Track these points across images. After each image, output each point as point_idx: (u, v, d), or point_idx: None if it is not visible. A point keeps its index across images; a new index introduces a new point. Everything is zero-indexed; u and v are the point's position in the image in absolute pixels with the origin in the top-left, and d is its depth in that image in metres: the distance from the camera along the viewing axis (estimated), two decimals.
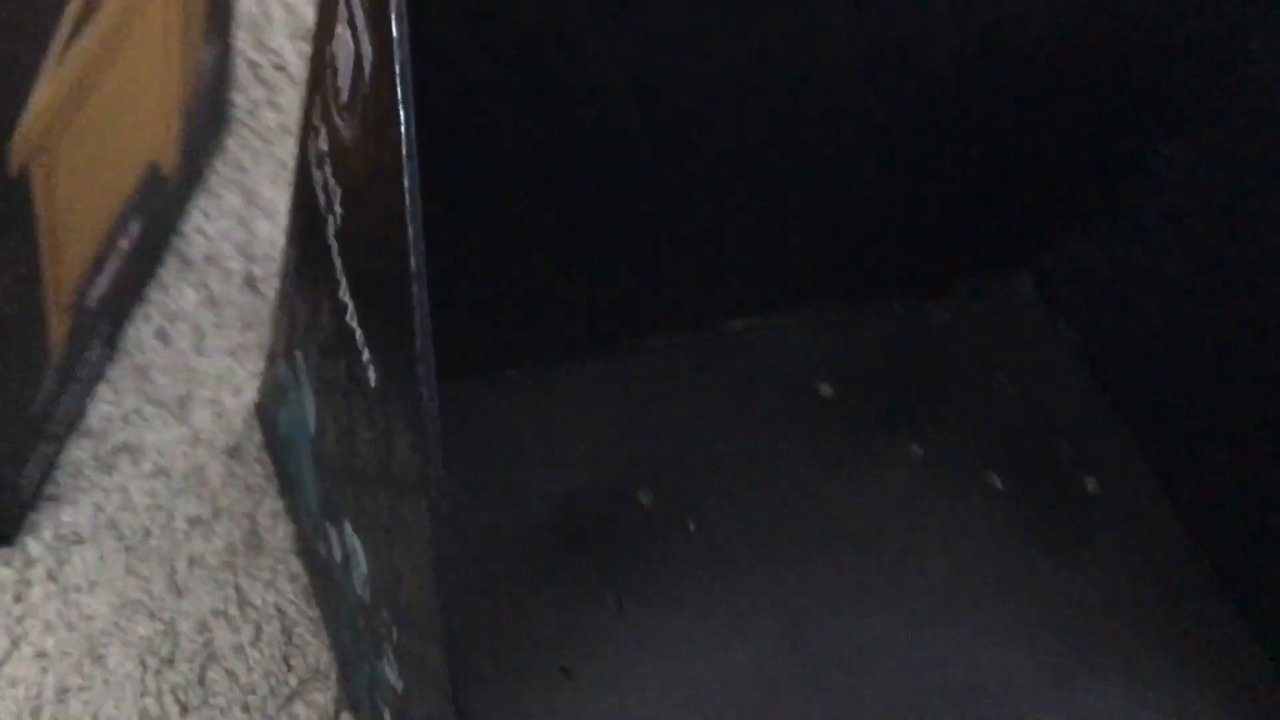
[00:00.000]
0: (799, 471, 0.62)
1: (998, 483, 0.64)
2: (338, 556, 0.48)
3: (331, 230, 0.41)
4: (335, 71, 0.39)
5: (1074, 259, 0.68)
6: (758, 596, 0.59)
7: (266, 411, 0.56)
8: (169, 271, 0.61)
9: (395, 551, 0.40)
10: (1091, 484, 0.65)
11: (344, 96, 0.38)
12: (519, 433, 0.60)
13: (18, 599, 0.53)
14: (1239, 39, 0.58)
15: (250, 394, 0.58)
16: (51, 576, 0.53)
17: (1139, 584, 0.62)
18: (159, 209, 0.58)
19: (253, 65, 0.66)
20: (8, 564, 0.53)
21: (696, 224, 0.59)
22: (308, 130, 0.43)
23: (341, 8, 0.38)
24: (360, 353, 0.40)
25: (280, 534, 0.56)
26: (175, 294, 0.60)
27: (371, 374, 0.39)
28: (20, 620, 0.52)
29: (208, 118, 0.61)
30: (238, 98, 0.65)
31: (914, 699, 0.58)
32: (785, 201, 0.61)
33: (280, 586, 0.55)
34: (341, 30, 0.38)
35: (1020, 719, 0.58)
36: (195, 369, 0.59)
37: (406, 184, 0.34)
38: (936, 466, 0.64)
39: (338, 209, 0.40)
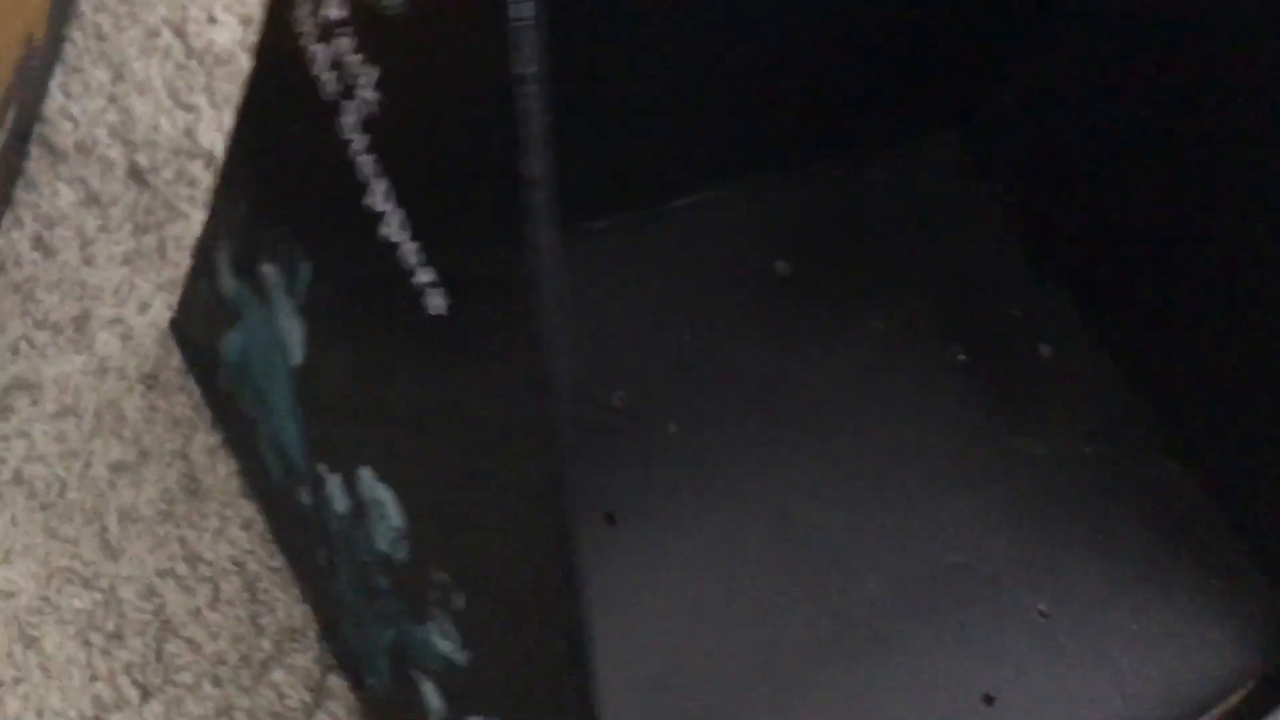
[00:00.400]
0: (768, 357, 0.58)
1: (960, 354, 0.61)
2: (339, 506, 0.40)
3: (354, 119, 0.33)
4: None
5: (998, 119, 0.65)
6: (744, 495, 0.54)
7: (192, 330, 0.47)
8: (37, 166, 0.50)
9: (474, 512, 0.33)
10: (1045, 350, 0.63)
11: None
12: None
13: None
14: None
15: (160, 310, 0.49)
16: None
17: (1099, 450, 0.61)
18: (29, 89, 0.47)
19: None
20: None
21: (632, 101, 0.53)
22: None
23: None
24: (411, 273, 0.32)
25: (221, 473, 0.47)
26: (49, 193, 0.50)
27: (434, 299, 0.32)
28: None
29: None
30: None
31: (903, 582, 0.55)
32: (718, 73, 0.55)
33: (233, 536, 0.47)
34: None
35: (1006, 598, 0.56)
36: (87, 283, 0.49)
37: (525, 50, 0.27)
38: (899, 341, 0.60)
39: (369, 93, 0.32)
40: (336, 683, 0.46)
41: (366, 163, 0.33)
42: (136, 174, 0.51)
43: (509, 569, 0.33)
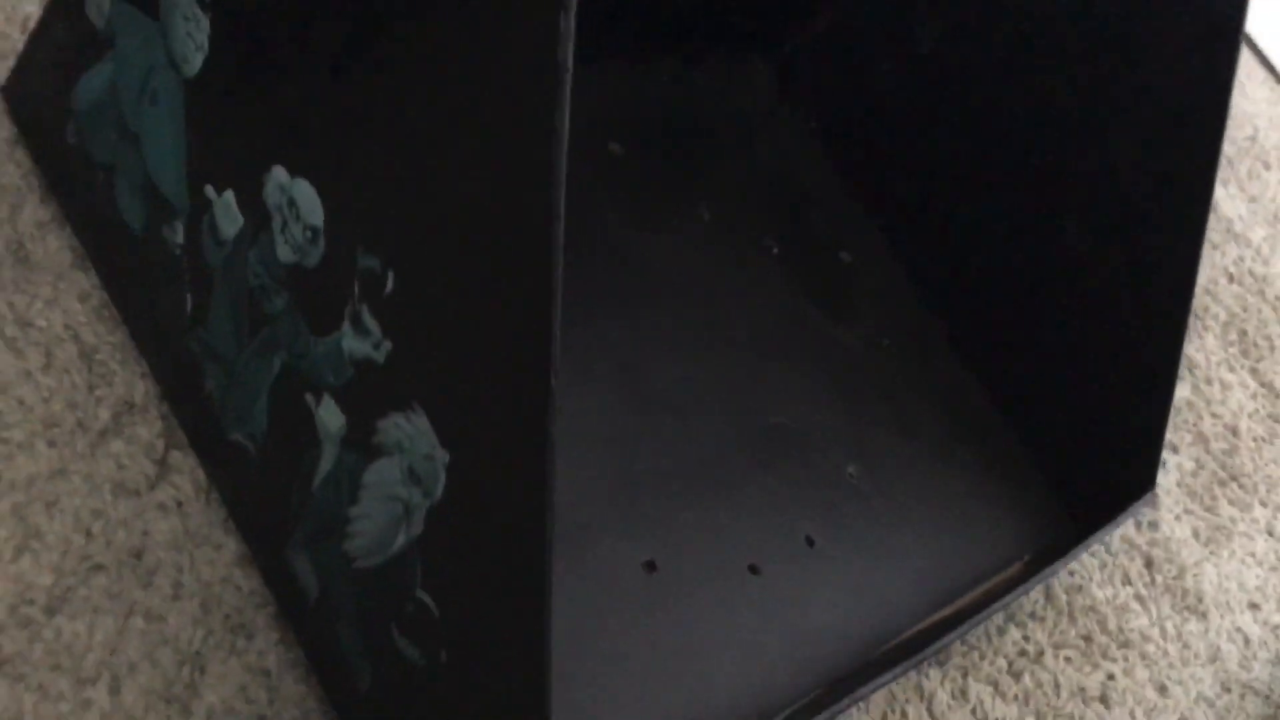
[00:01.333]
0: (607, 226, 0.59)
1: (774, 248, 0.64)
2: (227, 230, 0.38)
3: None
4: None
5: (807, 49, 0.69)
6: (592, 346, 0.54)
7: (32, 90, 0.44)
8: None
9: (420, 185, 0.32)
10: (846, 256, 0.67)
11: None
12: None
13: None
14: None
15: None
16: None
17: (897, 344, 0.65)
18: None
19: None
20: None
21: None
22: None
23: None
24: None
25: (53, 246, 0.44)
26: None
27: None
28: None
29: None
30: None
31: (732, 433, 0.56)
32: None
33: (67, 305, 0.43)
34: None
35: (821, 458, 0.58)
36: None
37: None
38: (721, 229, 0.63)
39: None
40: (179, 458, 0.42)
41: None
42: None
43: (459, 240, 0.32)
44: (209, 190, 0.38)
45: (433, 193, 0.33)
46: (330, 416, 0.37)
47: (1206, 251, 0.82)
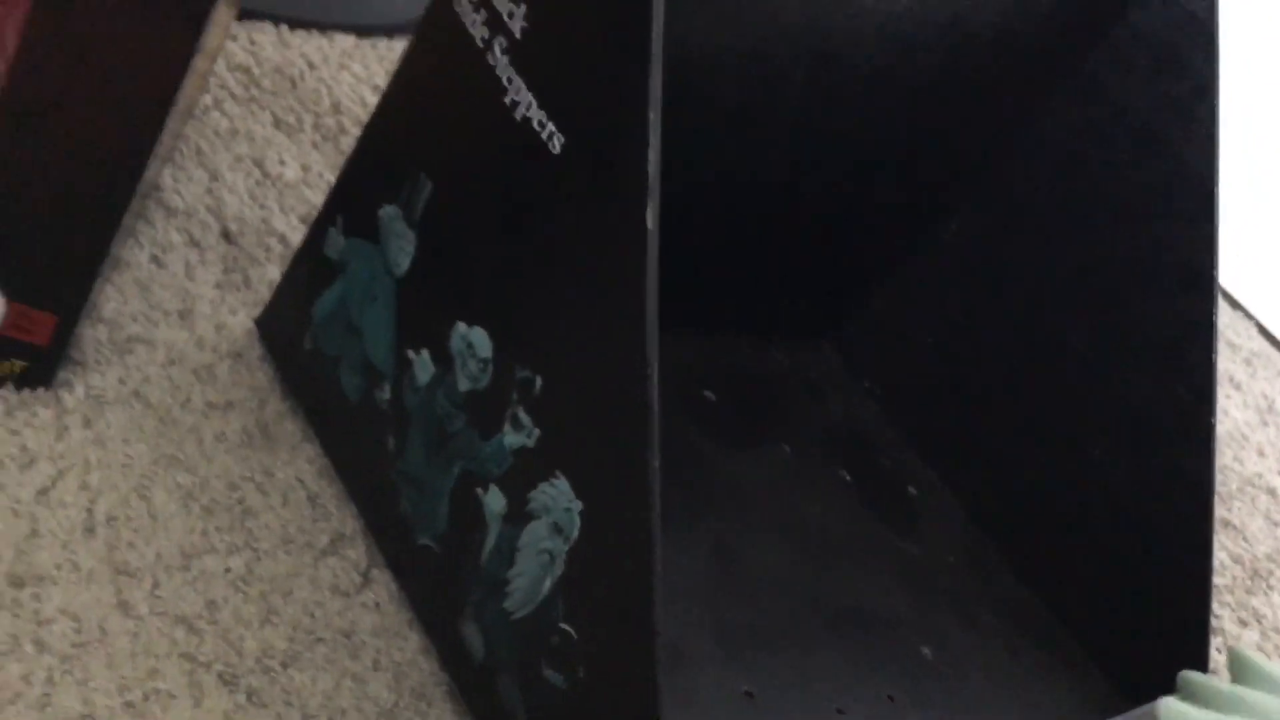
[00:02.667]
0: (703, 453, 0.72)
1: (847, 476, 0.76)
2: (422, 378, 0.53)
3: (499, 48, 0.50)
4: None
5: (865, 328, 0.84)
6: (691, 531, 0.67)
7: (278, 319, 0.60)
8: (155, 214, 0.64)
9: (559, 312, 0.47)
10: (911, 490, 0.79)
11: None
12: None
13: (58, 438, 0.53)
14: (1005, 135, 0.78)
15: (244, 319, 0.62)
16: (88, 424, 0.54)
17: (956, 556, 0.76)
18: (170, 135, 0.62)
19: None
20: (45, 406, 0.53)
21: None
22: None
23: None
24: (540, 131, 0.48)
25: (288, 428, 0.59)
26: (163, 232, 0.64)
27: (555, 141, 0.47)
28: (63, 456, 0.52)
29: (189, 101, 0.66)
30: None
31: (820, 614, 0.67)
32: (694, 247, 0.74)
33: (299, 466, 0.57)
34: None
35: (899, 638, 0.68)
36: (189, 291, 0.62)
37: None
38: (800, 460, 0.76)
39: (517, 24, 0.49)
40: (378, 574, 0.55)
41: (508, 72, 0.49)
42: (227, 235, 0.66)
43: (585, 350, 0.46)
44: (409, 353, 0.54)
45: (563, 321, 0.48)
46: (494, 500, 0.50)
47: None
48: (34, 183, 0.50)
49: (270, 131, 0.74)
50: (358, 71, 0.82)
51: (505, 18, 0.50)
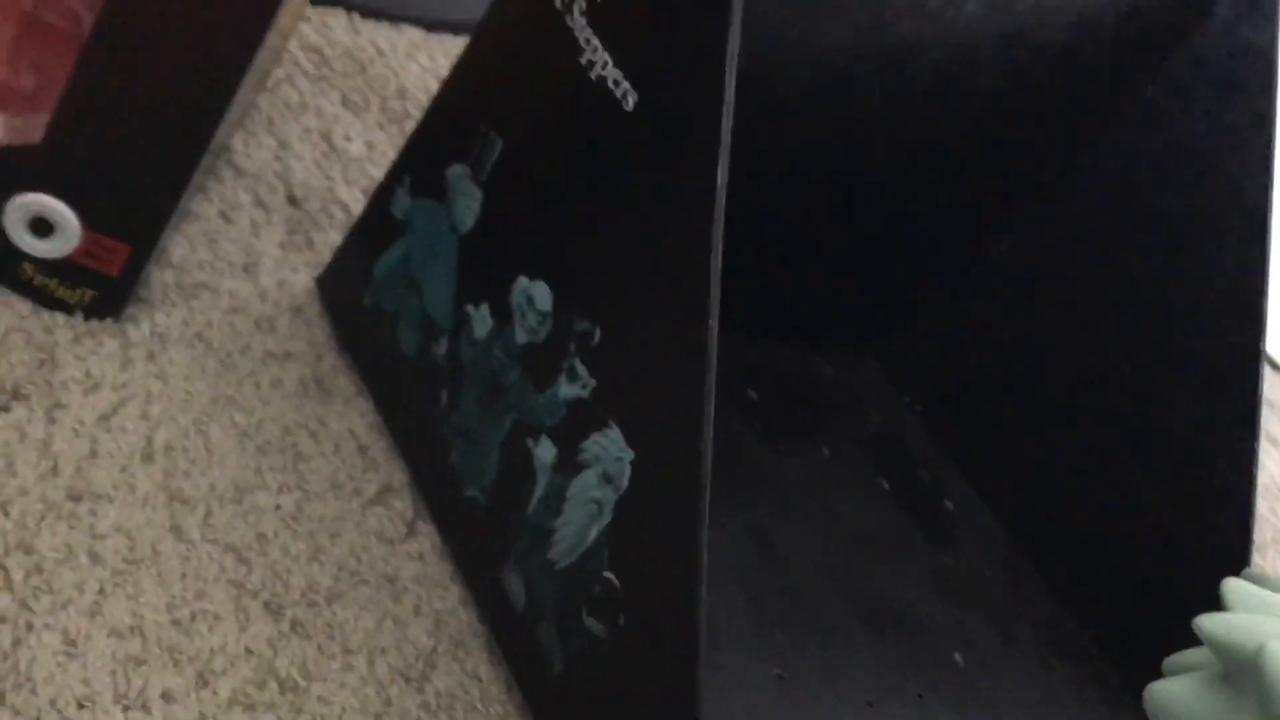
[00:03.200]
0: (743, 447, 0.73)
1: (885, 484, 0.77)
2: (480, 332, 0.53)
3: (579, 12, 0.51)
4: None
5: (911, 344, 0.85)
6: (729, 513, 0.67)
7: (339, 278, 0.61)
8: (225, 174, 0.66)
9: (622, 264, 0.48)
10: (949, 504, 0.79)
11: None
12: None
13: (123, 368, 0.54)
14: (1064, 157, 0.79)
15: (306, 278, 0.63)
16: (152, 358, 0.55)
17: (993, 572, 0.76)
18: (244, 101, 0.64)
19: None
20: (112, 337, 0.54)
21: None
22: None
23: None
24: (614, 89, 0.49)
25: (342, 382, 0.60)
26: (232, 191, 0.65)
27: (630, 98, 0.48)
28: (125, 385, 0.53)
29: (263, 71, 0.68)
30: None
31: (854, 608, 0.67)
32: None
33: (351, 419, 0.58)
34: None
35: (933, 643, 0.68)
36: (254, 247, 0.63)
37: None
38: (841, 465, 0.76)
39: None
40: (423, 526, 0.56)
41: (585, 33, 0.51)
42: (293, 199, 0.67)
43: (648, 301, 0.47)
44: (469, 308, 0.54)
45: (627, 275, 0.48)
46: (545, 451, 0.51)
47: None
48: (119, 117, 0.51)
49: (338, 109, 0.75)
50: (424, 62, 0.84)
51: None
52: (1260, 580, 0.35)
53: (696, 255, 0.46)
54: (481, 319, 0.54)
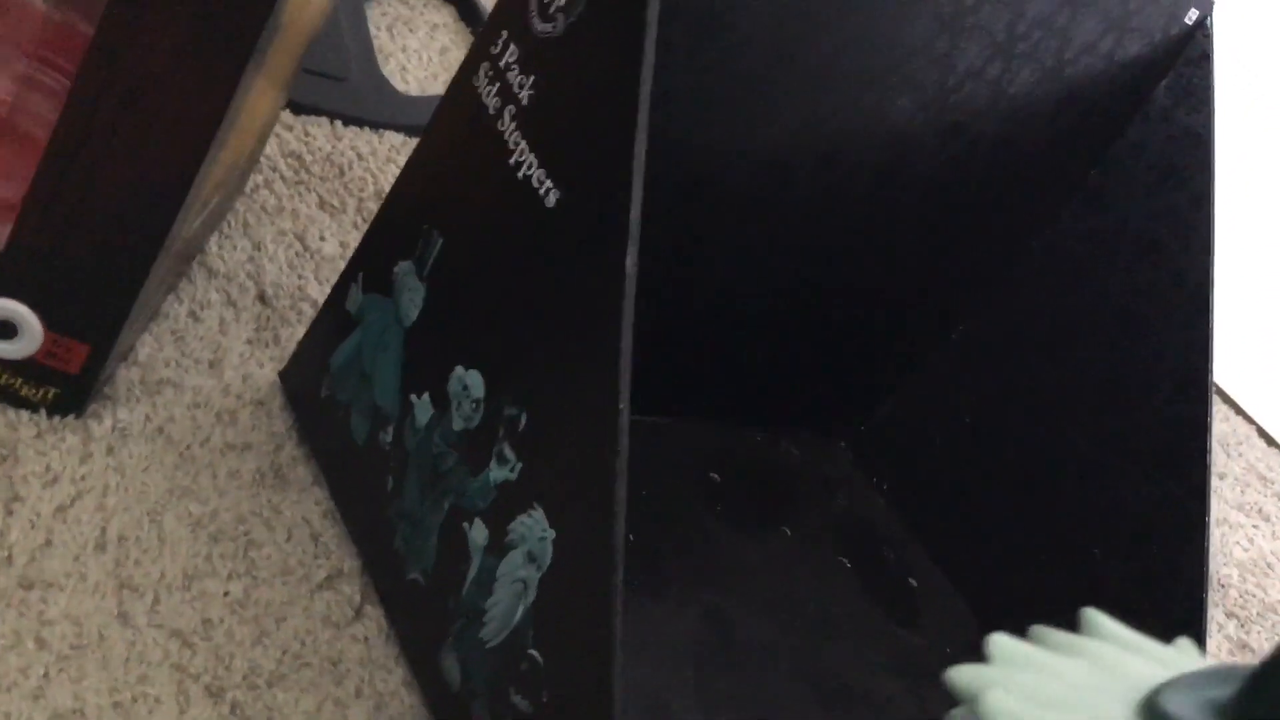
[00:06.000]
0: (705, 528, 0.75)
1: (847, 563, 0.78)
2: (421, 420, 0.56)
3: (509, 115, 0.54)
4: None
5: (878, 429, 0.86)
6: (684, 598, 0.69)
7: (299, 371, 0.64)
8: (197, 275, 0.69)
9: (544, 353, 0.50)
10: (913, 582, 0.80)
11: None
12: None
13: (82, 462, 0.56)
14: (1011, 242, 0.81)
15: (270, 372, 0.66)
16: (112, 452, 0.57)
17: (951, 648, 0.77)
18: (219, 207, 0.67)
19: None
20: (73, 433, 0.57)
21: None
22: (477, 59, 0.56)
23: None
24: (538, 188, 0.52)
25: (300, 472, 0.62)
26: (203, 291, 0.68)
27: (551, 196, 0.51)
28: (84, 478, 0.56)
29: (238, 178, 0.72)
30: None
31: (810, 690, 0.69)
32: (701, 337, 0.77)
33: (306, 506, 0.61)
34: None
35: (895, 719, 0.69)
36: (221, 344, 0.66)
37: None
38: (803, 545, 0.78)
39: (524, 94, 0.53)
40: (371, 610, 0.58)
41: (514, 136, 0.54)
42: (263, 297, 0.70)
43: (567, 385, 0.49)
44: (412, 397, 0.57)
45: (549, 360, 0.51)
46: (478, 533, 0.53)
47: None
48: (77, 225, 0.55)
49: (315, 211, 0.79)
50: (403, 165, 0.87)
51: (515, 88, 0.54)
52: (1043, 636, 0.37)
53: (608, 340, 0.49)
54: (423, 407, 0.57)
